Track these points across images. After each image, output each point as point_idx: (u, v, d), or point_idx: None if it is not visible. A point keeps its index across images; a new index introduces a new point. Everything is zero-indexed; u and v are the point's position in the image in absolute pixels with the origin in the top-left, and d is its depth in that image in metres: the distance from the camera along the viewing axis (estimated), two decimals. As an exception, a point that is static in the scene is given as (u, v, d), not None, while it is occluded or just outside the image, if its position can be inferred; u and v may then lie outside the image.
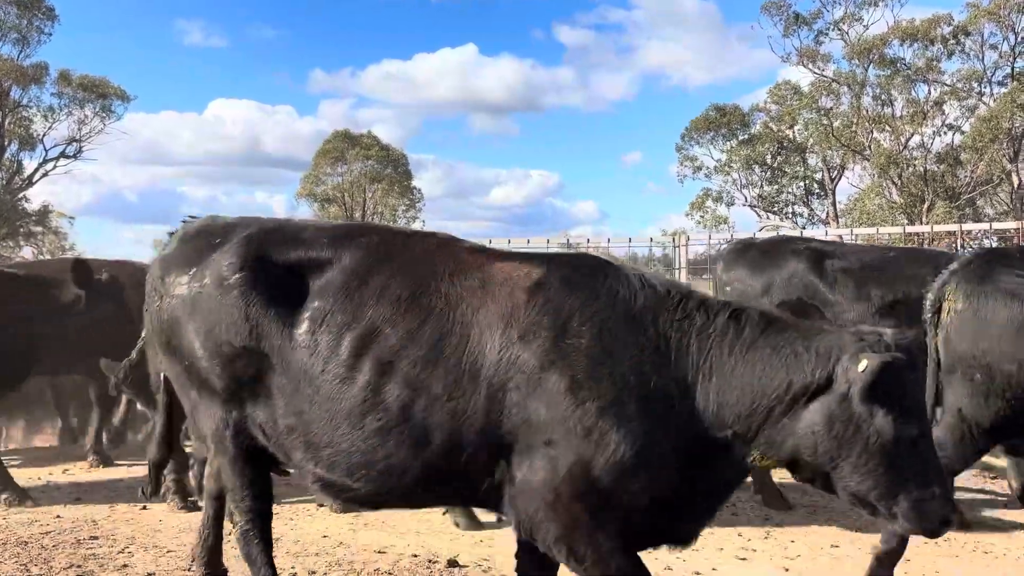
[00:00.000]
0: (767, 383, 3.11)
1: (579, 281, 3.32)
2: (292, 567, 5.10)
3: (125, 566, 5.13)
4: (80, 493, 7.10)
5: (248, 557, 3.86)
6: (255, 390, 3.52)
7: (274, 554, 5.33)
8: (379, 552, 5.42)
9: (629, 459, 3.04)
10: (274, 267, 3.54)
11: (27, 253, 31.94)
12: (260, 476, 3.79)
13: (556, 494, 3.09)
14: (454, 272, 3.40)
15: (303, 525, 6.15)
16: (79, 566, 5.13)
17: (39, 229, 34.88)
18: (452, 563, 5.16)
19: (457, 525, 5.99)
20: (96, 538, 5.73)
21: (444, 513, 6.10)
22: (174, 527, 6.01)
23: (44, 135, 34.46)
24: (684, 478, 3.16)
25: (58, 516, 6.33)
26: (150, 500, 4.44)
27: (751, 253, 7.14)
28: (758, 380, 3.12)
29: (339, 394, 3.30)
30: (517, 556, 3.66)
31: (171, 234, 4.01)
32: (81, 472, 8.10)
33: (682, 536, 3.37)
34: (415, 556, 5.31)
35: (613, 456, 3.04)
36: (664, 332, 3.20)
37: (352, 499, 3.52)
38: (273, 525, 6.06)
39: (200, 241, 3.76)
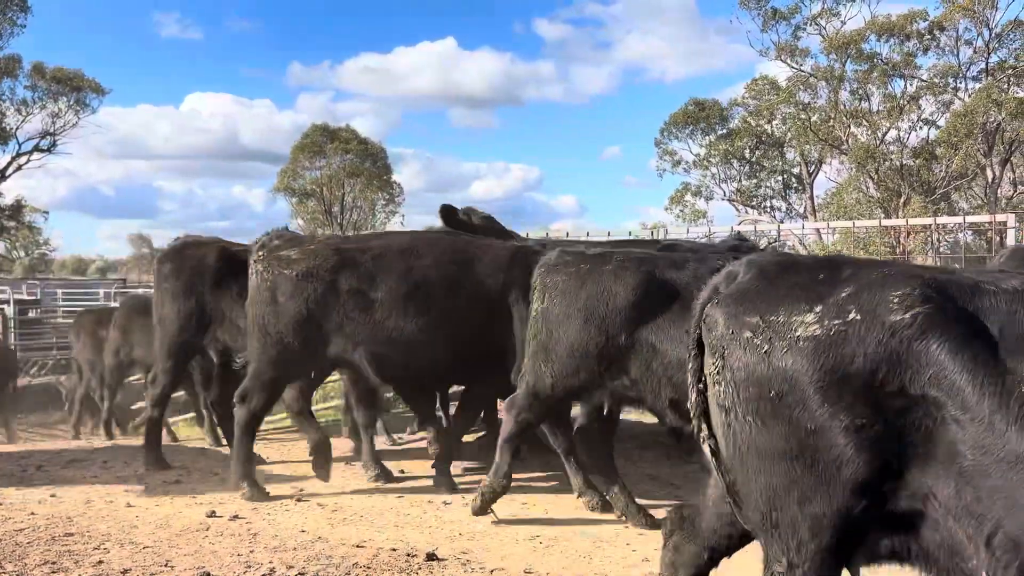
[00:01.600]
0: None
1: None
2: (270, 561, 5.08)
3: (100, 562, 5.09)
4: (55, 490, 7.03)
5: None
6: (919, 456, 2.92)
7: (252, 549, 5.37)
8: (358, 546, 5.41)
9: None
10: (955, 305, 3.07)
11: None
12: None
13: None
14: None
15: (281, 519, 6.12)
16: (54, 563, 5.07)
17: (12, 224, 34.50)
18: (431, 556, 5.16)
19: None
20: (71, 535, 5.67)
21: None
22: (150, 524, 5.97)
23: (17, 128, 34.12)
24: None
25: (32, 513, 6.26)
26: None
27: None
28: None
29: None
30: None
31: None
32: (57, 469, 8.02)
33: None
34: (394, 550, 5.31)
35: None
36: None
37: None
38: (251, 519, 6.12)
39: (800, 276, 3.29)
